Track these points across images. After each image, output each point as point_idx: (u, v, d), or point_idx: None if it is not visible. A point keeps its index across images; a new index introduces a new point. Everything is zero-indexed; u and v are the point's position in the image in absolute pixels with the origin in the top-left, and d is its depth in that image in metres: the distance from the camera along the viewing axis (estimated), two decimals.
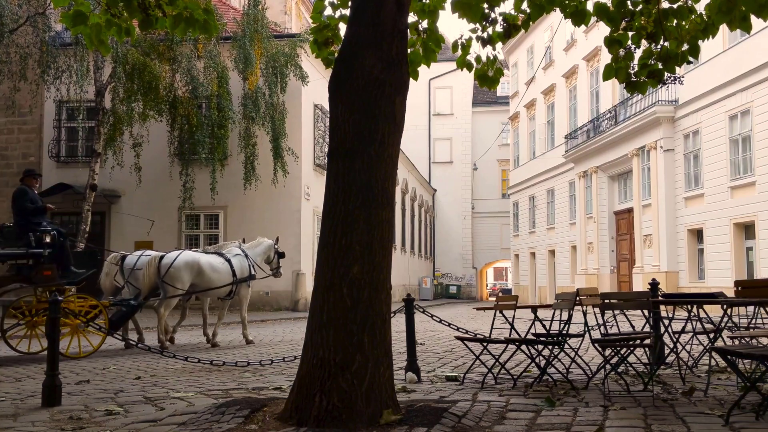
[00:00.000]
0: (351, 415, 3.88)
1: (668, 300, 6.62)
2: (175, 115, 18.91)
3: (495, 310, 6.72)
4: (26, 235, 9.08)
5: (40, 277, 9.06)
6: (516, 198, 38.35)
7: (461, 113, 46.10)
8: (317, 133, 22.63)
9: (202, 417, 4.29)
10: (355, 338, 4.03)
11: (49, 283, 9.09)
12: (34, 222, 9.27)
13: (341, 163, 4.26)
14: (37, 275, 9.06)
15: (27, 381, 6.73)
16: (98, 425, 4.41)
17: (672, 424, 4.12)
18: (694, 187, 21.16)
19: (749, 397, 4.60)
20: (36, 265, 9.05)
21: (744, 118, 18.90)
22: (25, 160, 21.74)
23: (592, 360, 7.35)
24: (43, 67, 18.03)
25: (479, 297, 46.01)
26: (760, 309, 6.70)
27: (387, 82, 4.29)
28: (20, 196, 9.49)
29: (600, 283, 26.41)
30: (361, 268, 4.10)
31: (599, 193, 27.57)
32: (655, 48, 5.71)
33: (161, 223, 20.94)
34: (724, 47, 19.45)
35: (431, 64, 6.26)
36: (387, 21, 4.34)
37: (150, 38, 17.71)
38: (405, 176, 34.91)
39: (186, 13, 4.95)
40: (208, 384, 6.32)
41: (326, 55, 6.13)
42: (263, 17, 19.57)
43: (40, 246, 9.06)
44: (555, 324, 6.33)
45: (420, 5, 6.04)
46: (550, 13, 5.83)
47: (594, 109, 28.54)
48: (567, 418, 4.37)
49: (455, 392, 5.50)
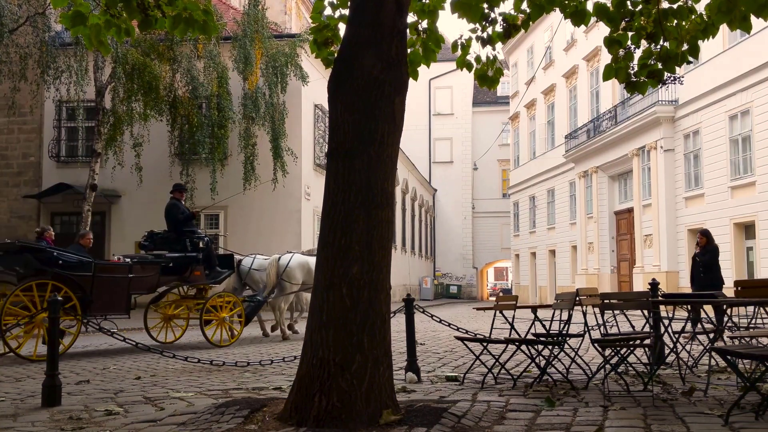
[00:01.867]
0: (351, 415, 3.88)
1: (668, 300, 6.62)
2: (176, 115, 18.92)
3: (495, 310, 6.73)
4: (182, 241, 10.61)
5: (192, 276, 10.53)
6: (516, 198, 38.35)
7: (461, 113, 46.10)
8: (317, 133, 22.63)
9: (201, 417, 4.29)
10: (355, 338, 4.03)
11: (198, 282, 10.70)
12: (187, 230, 10.82)
13: (341, 163, 4.26)
14: (190, 275, 10.50)
15: (27, 381, 6.73)
16: (98, 425, 4.41)
17: (672, 424, 4.12)
18: (695, 187, 21.16)
19: (749, 397, 4.60)
20: (189, 267, 10.47)
21: (744, 118, 18.90)
22: (25, 160, 21.76)
23: (592, 360, 7.35)
24: (43, 67, 18.04)
25: (480, 297, 46.02)
26: (760, 309, 6.70)
27: (387, 82, 4.29)
28: (173, 208, 10.97)
29: (600, 283, 26.41)
30: (361, 268, 4.10)
31: (599, 193, 27.57)
32: (655, 48, 5.71)
33: (161, 223, 20.95)
34: (724, 47, 19.45)
35: (431, 64, 6.26)
36: (386, 21, 4.34)
37: (150, 38, 17.71)
38: (405, 176, 34.91)
39: (185, 13, 4.95)
40: (208, 384, 6.32)
41: (326, 55, 6.12)
42: (263, 17, 19.57)
43: (195, 250, 10.56)
44: (555, 324, 6.33)
45: (420, 5, 6.04)
46: (550, 13, 5.82)
47: (594, 109, 28.54)
48: (567, 418, 4.37)
49: (455, 392, 5.50)
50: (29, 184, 21.59)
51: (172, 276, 10.44)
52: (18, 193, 21.44)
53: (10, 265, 9.33)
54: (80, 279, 9.15)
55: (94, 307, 9.28)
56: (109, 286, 9.42)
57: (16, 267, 9.22)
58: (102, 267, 9.58)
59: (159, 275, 10.17)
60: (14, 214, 21.56)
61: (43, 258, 8.99)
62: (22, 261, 9.02)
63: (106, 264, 9.96)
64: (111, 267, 9.77)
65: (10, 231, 21.38)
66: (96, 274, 9.30)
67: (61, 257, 9.13)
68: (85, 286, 9.15)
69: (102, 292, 9.28)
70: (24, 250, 9.12)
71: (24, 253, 9.04)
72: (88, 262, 9.44)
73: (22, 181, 21.71)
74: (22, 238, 21.07)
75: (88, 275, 9.22)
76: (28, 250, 9.13)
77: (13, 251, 9.25)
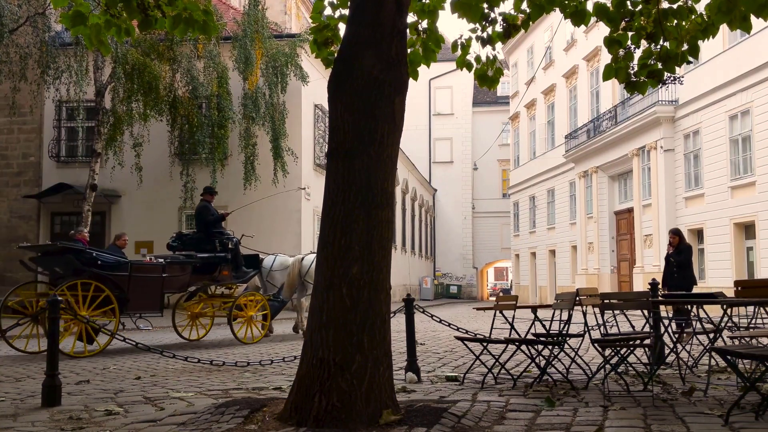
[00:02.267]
0: (350, 415, 3.88)
1: (668, 300, 6.62)
2: (176, 115, 18.92)
3: (495, 310, 6.73)
4: (211, 242, 10.93)
5: (221, 276, 10.93)
6: (516, 198, 38.34)
7: (461, 113, 46.09)
8: (317, 133, 22.63)
9: (201, 417, 4.29)
10: (355, 338, 4.03)
11: (227, 281, 11.12)
12: (216, 231, 11.12)
13: (341, 163, 4.26)
14: (219, 275, 10.90)
15: (27, 381, 6.73)
16: (98, 425, 4.41)
17: (672, 424, 4.12)
18: (695, 187, 21.16)
19: (749, 397, 4.60)
20: (218, 267, 10.84)
21: (744, 118, 18.90)
22: (25, 160, 21.77)
23: (592, 360, 7.35)
24: (43, 67, 18.04)
25: (480, 297, 46.02)
26: (760, 309, 6.70)
27: (386, 82, 4.29)
28: (204, 210, 11.23)
29: (600, 283, 26.41)
30: (361, 268, 4.10)
31: (599, 193, 27.57)
32: (655, 48, 5.71)
33: (161, 222, 20.97)
34: (724, 47, 19.45)
35: (431, 64, 6.25)
36: (386, 21, 4.34)
37: (150, 38, 17.71)
38: (405, 176, 34.91)
39: (185, 13, 4.95)
40: (208, 384, 6.32)
41: (326, 55, 6.12)
42: (263, 17, 19.57)
43: (224, 251, 10.91)
44: (555, 324, 6.33)
45: (420, 5, 6.03)
46: (550, 13, 5.82)
47: (594, 109, 28.54)
48: (567, 418, 4.37)
49: (455, 392, 5.50)
50: (29, 184, 21.59)
51: (202, 275, 10.81)
52: (18, 193, 21.44)
53: (49, 265, 9.75)
54: (117, 279, 9.51)
55: (131, 306, 9.67)
56: (144, 286, 9.75)
57: (55, 267, 9.61)
58: (137, 267, 9.91)
59: (190, 275, 10.56)
60: (14, 214, 21.56)
61: (83, 259, 9.33)
62: (63, 261, 9.37)
63: (142, 264, 10.23)
64: (146, 267, 10.05)
65: (10, 231, 21.40)
66: (132, 274, 9.66)
67: (99, 258, 9.54)
68: (122, 285, 9.52)
69: (137, 291, 9.64)
70: (66, 251, 9.46)
71: (66, 254, 9.38)
72: (125, 263, 9.85)
73: (22, 181, 21.71)
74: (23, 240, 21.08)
75: (124, 275, 9.60)
76: (70, 251, 9.45)
77: (55, 252, 9.69)
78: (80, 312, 8.75)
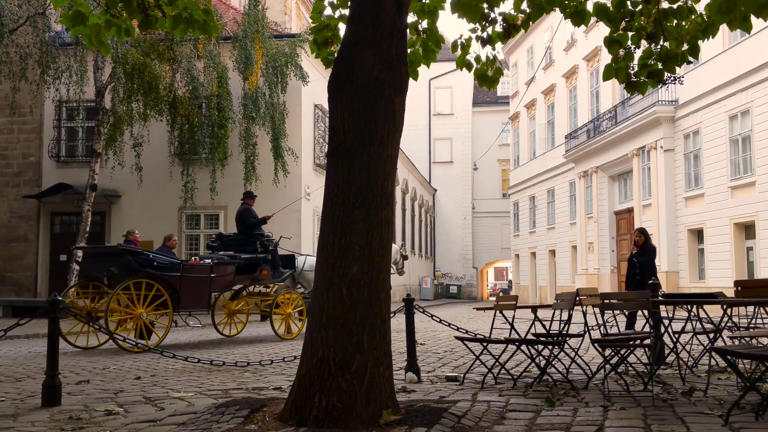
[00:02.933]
0: (351, 415, 3.88)
1: (668, 300, 6.62)
2: (176, 115, 18.90)
3: (495, 310, 6.73)
4: (252, 243, 11.53)
5: (261, 276, 11.49)
6: (516, 198, 38.35)
7: (461, 113, 46.09)
8: (317, 133, 22.63)
9: (201, 417, 4.29)
10: (355, 338, 4.02)
11: (266, 280, 11.69)
12: (257, 233, 11.69)
13: (341, 163, 4.26)
14: (260, 274, 11.46)
15: (27, 381, 6.73)
16: (98, 425, 4.41)
17: (672, 424, 4.12)
18: (695, 187, 21.16)
19: (749, 397, 4.60)
20: (259, 267, 11.40)
21: (744, 118, 18.90)
22: (25, 160, 21.76)
23: (592, 360, 7.35)
24: (43, 67, 18.04)
25: (480, 297, 46.02)
26: (760, 309, 6.70)
27: (386, 82, 4.29)
28: (246, 213, 11.81)
29: (600, 283, 26.41)
30: (361, 268, 4.10)
31: (599, 193, 27.57)
32: (655, 48, 5.71)
33: (161, 222, 20.96)
34: (724, 47, 19.45)
35: (431, 64, 6.25)
36: (386, 21, 4.34)
37: (150, 38, 17.70)
38: (405, 176, 34.90)
39: (185, 13, 4.95)
40: (208, 384, 6.32)
41: (326, 55, 6.12)
42: (263, 17, 19.56)
43: (265, 252, 11.49)
44: (555, 324, 6.33)
45: (420, 5, 6.03)
46: (550, 13, 5.82)
47: (594, 109, 28.54)
48: (567, 418, 4.37)
49: (455, 392, 5.50)
50: (29, 184, 21.58)
51: (244, 275, 11.34)
52: (18, 193, 21.44)
53: (105, 266, 10.21)
54: (171, 278, 10.06)
55: (182, 304, 10.26)
56: (194, 285, 10.32)
57: (111, 268, 10.07)
58: (188, 267, 10.54)
59: (234, 274, 11.11)
60: (14, 214, 21.56)
61: (140, 260, 9.95)
62: (122, 263, 9.90)
63: (192, 265, 10.86)
64: (196, 267, 10.67)
65: (9, 231, 21.40)
66: (183, 274, 10.22)
67: (155, 259, 10.14)
68: (174, 284, 10.04)
69: (188, 290, 10.20)
70: (125, 252, 10.07)
71: (125, 255, 9.97)
72: (178, 263, 10.51)
73: (22, 181, 21.71)
74: (23, 240, 21.09)
75: (177, 275, 10.15)
76: (129, 252, 10.08)
77: (115, 254, 10.26)
78: (137, 310, 9.45)
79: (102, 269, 10.24)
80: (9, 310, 16.63)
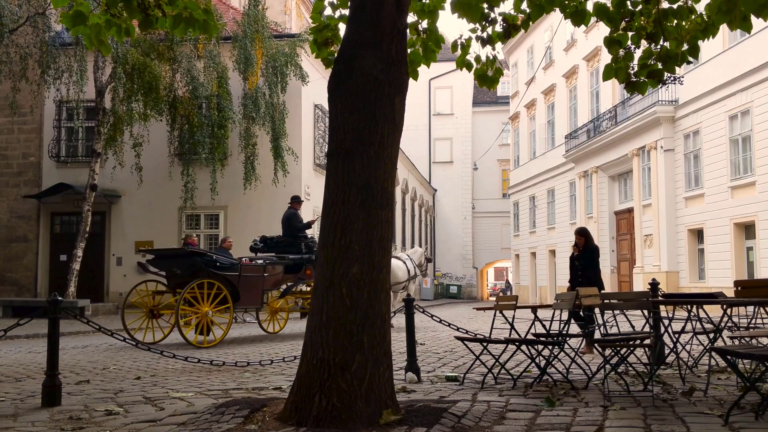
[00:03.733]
0: (350, 415, 3.88)
1: (668, 300, 6.62)
2: (175, 115, 18.90)
3: (495, 310, 6.73)
4: (297, 245, 12.19)
5: (305, 275, 12.15)
6: (516, 198, 38.34)
7: (461, 113, 46.06)
8: (317, 133, 22.62)
9: (201, 417, 4.29)
10: (355, 338, 4.03)
11: (309, 279, 12.13)
12: (301, 235, 12.45)
13: (340, 163, 4.26)
14: (304, 274, 12.13)
15: (27, 381, 6.73)
16: (98, 425, 4.41)
17: (672, 424, 4.12)
18: (695, 187, 21.15)
19: (749, 397, 4.60)
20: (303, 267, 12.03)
21: (744, 118, 18.90)
22: (25, 160, 21.76)
23: (592, 360, 7.35)
24: (43, 67, 18.05)
25: (480, 297, 46.00)
26: (760, 309, 6.70)
27: (386, 82, 4.29)
28: (293, 217, 12.56)
29: None
30: (361, 268, 4.10)
31: (599, 193, 27.57)
32: (655, 48, 5.71)
33: (161, 222, 20.97)
34: (724, 47, 19.45)
35: (431, 64, 6.25)
36: (386, 21, 4.34)
37: (150, 38, 17.71)
38: (405, 176, 34.89)
39: (186, 13, 4.95)
40: (208, 384, 6.32)
41: (326, 55, 6.12)
42: (263, 17, 19.55)
43: (309, 252, 12.10)
44: (555, 324, 6.33)
45: (420, 5, 6.03)
46: (550, 13, 5.82)
47: (594, 109, 28.53)
48: (567, 418, 4.37)
49: (455, 392, 5.50)
50: (29, 184, 21.58)
51: (291, 275, 11.99)
52: (18, 193, 21.44)
53: (170, 266, 10.87)
54: (231, 278, 10.69)
55: (240, 302, 10.88)
56: (251, 284, 10.95)
57: (174, 269, 10.75)
58: (245, 267, 11.13)
59: (282, 274, 11.75)
60: (14, 214, 21.56)
61: (205, 261, 10.66)
62: (187, 264, 10.60)
63: (248, 265, 11.39)
64: (252, 267, 11.28)
65: (10, 231, 21.40)
66: (241, 274, 10.85)
67: (218, 260, 10.83)
68: (234, 283, 10.69)
69: (245, 289, 10.83)
70: (193, 254, 10.84)
71: (193, 257, 10.71)
72: (236, 264, 11.13)
73: (22, 181, 21.71)
74: (23, 240, 21.06)
75: (236, 274, 10.80)
76: (196, 254, 10.87)
77: (182, 255, 10.92)
78: (203, 307, 10.14)
79: (167, 269, 10.91)
80: (9, 310, 16.62)
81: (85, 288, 19.02)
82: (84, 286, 18.86)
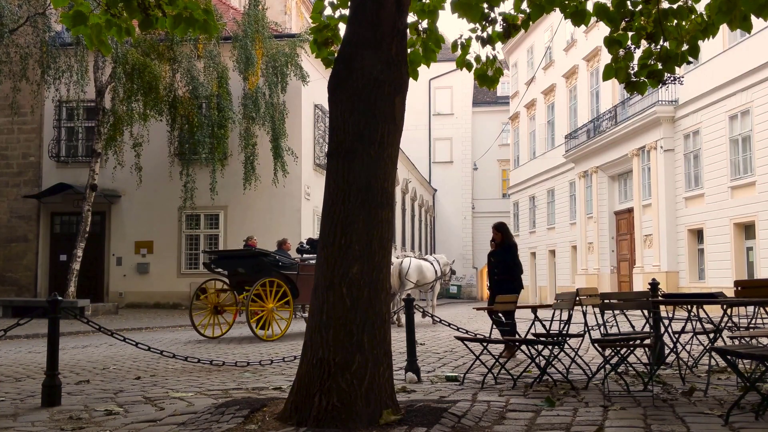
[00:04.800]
0: (350, 415, 3.88)
1: (668, 300, 6.62)
2: (175, 115, 18.91)
3: (495, 310, 6.73)
4: None
5: None
6: (516, 198, 38.34)
7: (461, 113, 46.06)
8: (317, 133, 22.63)
9: (201, 417, 4.29)
10: (355, 338, 4.02)
11: None
12: None
13: (341, 163, 4.26)
14: None
15: (27, 381, 6.73)
16: (98, 425, 4.41)
17: (672, 424, 4.12)
18: (694, 187, 21.15)
19: (749, 397, 4.60)
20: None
21: (744, 118, 18.90)
22: (25, 160, 21.77)
23: (592, 360, 7.35)
24: (43, 67, 18.05)
25: (480, 297, 45.98)
26: (760, 309, 6.70)
27: (386, 82, 4.29)
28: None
29: (600, 283, 26.40)
30: (361, 268, 4.10)
31: (599, 193, 27.56)
32: (655, 48, 5.71)
33: (161, 222, 20.98)
34: (724, 47, 19.45)
35: (431, 64, 6.25)
36: (387, 21, 4.34)
37: (150, 38, 17.71)
38: (405, 176, 34.89)
39: (186, 13, 4.95)
40: (208, 384, 6.32)
41: (326, 55, 6.11)
42: (263, 17, 19.56)
43: None
44: (555, 324, 6.33)
45: (420, 5, 6.03)
46: (550, 13, 5.81)
47: (594, 109, 28.53)
48: (567, 418, 4.37)
49: (455, 392, 5.50)
50: (29, 184, 21.59)
51: None
52: (18, 193, 21.45)
53: (235, 266, 11.51)
54: (291, 276, 11.39)
55: (299, 299, 11.52)
56: (308, 282, 10.94)
57: (238, 268, 11.40)
58: (303, 267, 11.70)
59: None
60: (14, 214, 21.56)
61: (270, 261, 11.30)
62: (251, 264, 11.25)
63: (305, 264, 11.93)
64: (309, 266, 11.62)
65: (10, 231, 21.40)
66: (300, 273, 11.46)
67: (280, 260, 11.46)
68: (294, 281, 11.39)
69: (303, 287, 11.29)
70: (259, 254, 11.44)
71: (257, 257, 11.33)
72: (296, 263, 11.81)
73: (22, 181, 21.71)
74: (23, 240, 21.08)
75: (295, 273, 11.48)
76: (262, 254, 11.45)
77: (248, 256, 11.56)
78: (267, 304, 10.86)
79: (230, 269, 11.54)
80: (9, 310, 16.61)
81: (85, 288, 19.02)
82: (84, 286, 18.87)
